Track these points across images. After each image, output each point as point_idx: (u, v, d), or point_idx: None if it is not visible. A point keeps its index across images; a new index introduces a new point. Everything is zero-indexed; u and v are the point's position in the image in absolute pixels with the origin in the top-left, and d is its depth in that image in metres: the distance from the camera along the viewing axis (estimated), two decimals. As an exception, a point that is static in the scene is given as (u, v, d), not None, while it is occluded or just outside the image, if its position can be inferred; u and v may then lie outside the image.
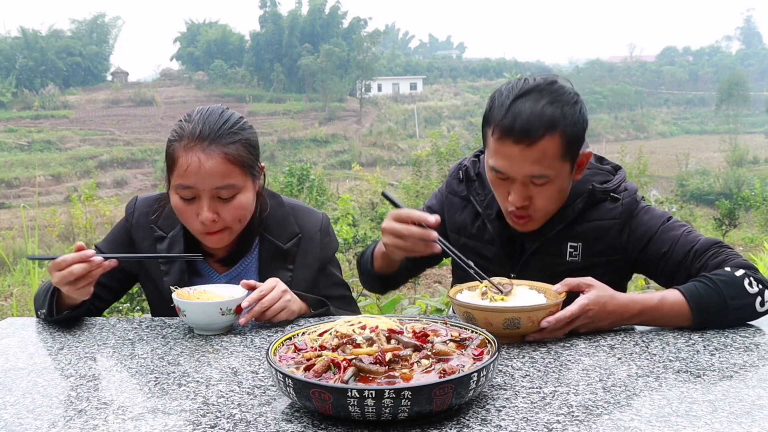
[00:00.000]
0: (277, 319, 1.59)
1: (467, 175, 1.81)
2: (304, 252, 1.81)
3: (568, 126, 1.53)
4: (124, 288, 1.89)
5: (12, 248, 10.51)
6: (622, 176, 1.73)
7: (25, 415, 1.12)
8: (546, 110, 1.52)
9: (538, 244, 1.69)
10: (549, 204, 1.62)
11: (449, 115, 51.43)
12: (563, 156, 1.55)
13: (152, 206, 1.82)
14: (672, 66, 75.26)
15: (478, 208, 1.78)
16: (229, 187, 1.62)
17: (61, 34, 55.27)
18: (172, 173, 1.64)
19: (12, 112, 43.47)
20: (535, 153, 1.52)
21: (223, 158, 1.60)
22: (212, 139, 1.60)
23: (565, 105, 1.54)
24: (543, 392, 1.15)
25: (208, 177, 1.59)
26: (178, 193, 1.63)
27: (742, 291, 1.45)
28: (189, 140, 1.60)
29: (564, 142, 1.54)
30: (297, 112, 47.51)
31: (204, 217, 1.61)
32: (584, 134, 1.60)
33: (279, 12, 59.54)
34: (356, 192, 14.82)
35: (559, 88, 1.56)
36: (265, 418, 1.08)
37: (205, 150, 1.59)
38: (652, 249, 1.64)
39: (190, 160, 1.59)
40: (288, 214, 1.82)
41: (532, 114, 1.51)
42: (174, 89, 51.80)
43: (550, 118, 1.51)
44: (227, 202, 1.63)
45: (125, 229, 1.82)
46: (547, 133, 1.51)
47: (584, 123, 1.59)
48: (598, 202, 1.68)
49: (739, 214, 11.54)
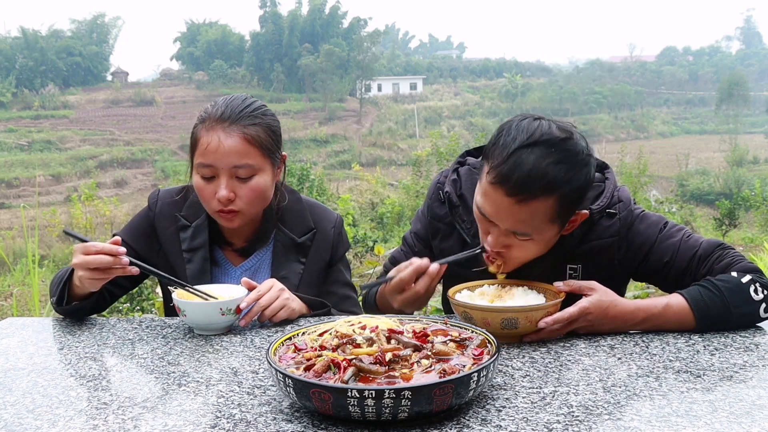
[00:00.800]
0: (277, 317, 1.59)
1: (449, 201, 1.70)
2: (318, 247, 1.83)
3: (568, 191, 1.40)
4: (140, 278, 1.89)
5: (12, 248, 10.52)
6: (612, 182, 1.62)
7: (25, 415, 1.12)
8: (549, 170, 1.38)
9: (536, 273, 1.59)
10: (525, 255, 1.51)
11: (449, 115, 51.44)
12: (553, 219, 1.44)
13: (175, 197, 1.85)
14: (672, 66, 75.24)
15: (465, 238, 1.67)
16: (246, 166, 1.65)
17: (61, 34, 55.29)
18: (194, 153, 1.68)
19: (12, 112, 43.49)
20: (524, 212, 1.41)
21: (241, 137, 1.64)
22: (233, 119, 1.65)
23: (571, 168, 1.40)
24: (543, 392, 1.15)
25: (227, 155, 1.63)
26: (199, 172, 1.68)
27: (747, 298, 1.43)
28: (211, 121, 1.66)
29: (558, 206, 1.41)
30: (297, 112, 47.52)
31: (221, 194, 1.65)
32: (585, 196, 1.48)
33: (279, 12, 59.56)
34: (356, 192, 14.84)
35: (571, 147, 1.40)
36: (265, 418, 1.08)
37: (225, 129, 1.64)
38: (652, 259, 1.58)
39: (211, 139, 1.64)
40: (305, 209, 1.86)
41: (533, 170, 1.37)
42: (174, 89, 51.81)
43: (551, 180, 1.38)
44: (244, 182, 1.67)
45: (148, 218, 1.84)
46: (543, 194, 1.39)
47: (587, 185, 1.46)
48: (594, 221, 1.58)
49: (739, 214, 11.56)
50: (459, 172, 1.75)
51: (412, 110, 51.23)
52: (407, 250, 1.84)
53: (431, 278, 1.52)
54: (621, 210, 1.59)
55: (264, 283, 1.61)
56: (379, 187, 15.27)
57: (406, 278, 1.51)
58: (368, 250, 7.38)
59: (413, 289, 1.52)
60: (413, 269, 1.51)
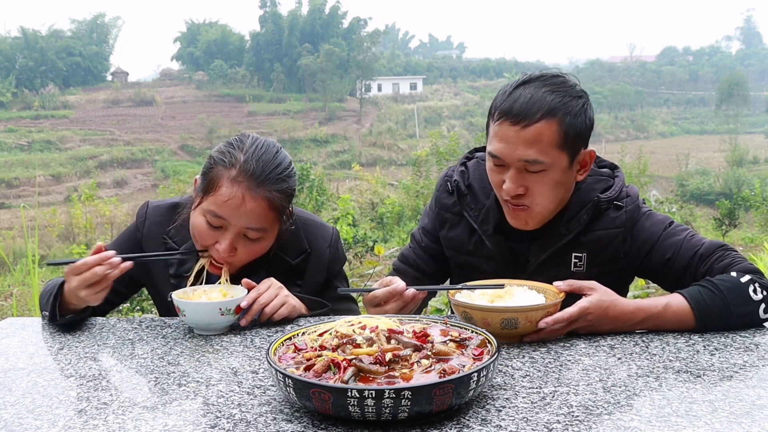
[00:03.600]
0: (278, 315, 1.58)
1: (458, 189, 1.75)
2: (313, 269, 1.79)
3: (567, 115, 1.52)
4: (130, 293, 1.88)
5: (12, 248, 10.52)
6: (621, 179, 1.70)
7: (25, 415, 1.12)
8: (546, 97, 1.52)
9: (543, 258, 1.65)
10: (545, 195, 1.57)
11: (449, 115, 51.42)
12: (560, 145, 1.52)
13: (165, 216, 1.79)
14: (672, 66, 75.22)
15: (473, 225, 1.72)
16: (260, 230, 1.61)
17: (61, 34, 55.25)
18: (208, 195, 1.60)
19: (12, 112, 43.47)
20: (529, 135, 1.51)
21: (266, 203, 1.58)
22: (261, 180, 1.58)
23: (566, 96, 1.53)
24: (543, 392, 1.15)
25: (245, 216, 1.58)
26: (206, 217, 1.60)
27: (747, 298, 1.44)
28: (239, 174, 1.57)
29: (561, 131, 1.52)
30: (297, 112, 47.51)
31: (222, 248, 1.60)
32: (588, 132, 1.58)
33: (279, 12, 59.55)
34: (356, 192, 14.83)
35: (564, 81, 1.57)
36: (265, 418, 1.08)
37: (251, 189, 1.57)
38: (655, 255, 1.62)
39: (234, 194, 1.56)
40: (299, 229, 1.78)
41: (532, 98, 1.52)
42: (174, 89, 51.78)
43: (549, 104, 1.51)
44: (250, 242, 1.62)
45: (135, 238, 1.80)
46: (543, 118, 1.50)
47: (588, 120, 1.57)
48: (601, 211, 1.65)
49: (739, 214, 11.55)
50: (467, 164, 1.81)
51: (412, 110, 51.22)
52: (415, 246, 1.88)
53: (404, 302, 1.54)
54: (628, 204, 1.65)
55: (263, 282, 1.61)
56: (379, 187, 15.27)
57: (380, 296, 1.54)
58: (368, 250, 7.38)
59: (383, 308, 1.54)
60: (388, 291, 1.52)
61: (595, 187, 1.66)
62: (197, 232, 1.63)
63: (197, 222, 1.63)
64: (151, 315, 3.42)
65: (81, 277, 1.49)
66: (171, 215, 1.79)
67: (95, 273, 1.48)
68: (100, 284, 1.50)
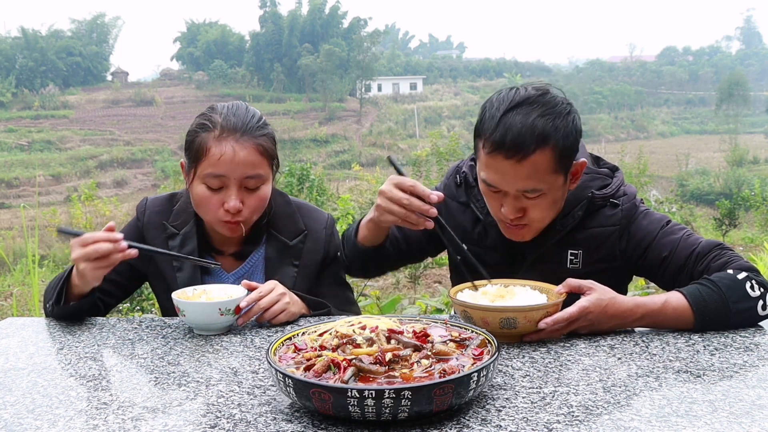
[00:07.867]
0: (276, 321, 1.59)
1: (466, 182, 1.77)
2: (310, 249, 1.83)
3: (560, 139, 1.50)
4: (132, 286, 1.90)
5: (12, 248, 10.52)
6: (620, 179, 1.70)
7: (25, 415, 1.12)
8: (537, 124, 1.48)
9: (538, 253, 1.67)
10: (543, 214, 1.59)
11: (449, 115, 51.44)
12: (555, 169, 1.52)
13: (163, 205, 1.85)
14: (672, 66, 75.20)
15: (478, 215, 1.74)
16: (257, 177, 1.67)
17: (61, 34, 55.28)
18: (200, 163, 1.66)
19: (12, 112, 43.48)
20: (526, 168, 1.49)
21: (255, 149, 1.66)
22: (244, 131, 1.66)
23: (557, 117, 1.50)
24: (543, 392, 1.15)
25: (240, 166, 1.64)
26: (205, 182, 1.66)
27: (744, 294, 1.44)
28: (222, 131, 1.65)
29: (556, 156, 1.51)
30: (297, 112, 47.52)
31: (231, 205, 1.65)
32: (578, 144, 1.57)
33: (279, 12, 59.56)
34: (356, 192, 14.81)
35: (551, 100, 1.52)
36: (265, 418, 1.08)
37: (238, 140, 1.65)
38: (652, 254, 1.62)
39: (224, 150, 1.63)
40: (294, 212, 1.85)
41: (523, 128, 1.47)
42: (174, 89, 51.80)
43: (542, 132, 1.48)
44: (252, 193, 1.68)
45: (136, 228, 1.84)
46: (538, 148, 1.48)
47: (577, 133, 1.55)
48: (597, 208, 1.66)
49: (739, 214, 11.54)
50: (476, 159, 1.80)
51: (412, 110, 51.23)
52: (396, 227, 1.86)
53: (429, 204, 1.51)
54: (624, 202, 1.66)
55: (266, 284, 1.61)
56: (379, 187, 15.25)
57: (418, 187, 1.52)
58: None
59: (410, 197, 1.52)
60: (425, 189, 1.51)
61: (591, 184, 1.67)
62: (201, 201, 1.69)
63: (198, 192, 1.68)
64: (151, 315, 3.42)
65: (85, 250, 1.50)
66: (169, 204, 1.85)
67: (100, 248, 1.49)
68: (101, 261, 1.51)
